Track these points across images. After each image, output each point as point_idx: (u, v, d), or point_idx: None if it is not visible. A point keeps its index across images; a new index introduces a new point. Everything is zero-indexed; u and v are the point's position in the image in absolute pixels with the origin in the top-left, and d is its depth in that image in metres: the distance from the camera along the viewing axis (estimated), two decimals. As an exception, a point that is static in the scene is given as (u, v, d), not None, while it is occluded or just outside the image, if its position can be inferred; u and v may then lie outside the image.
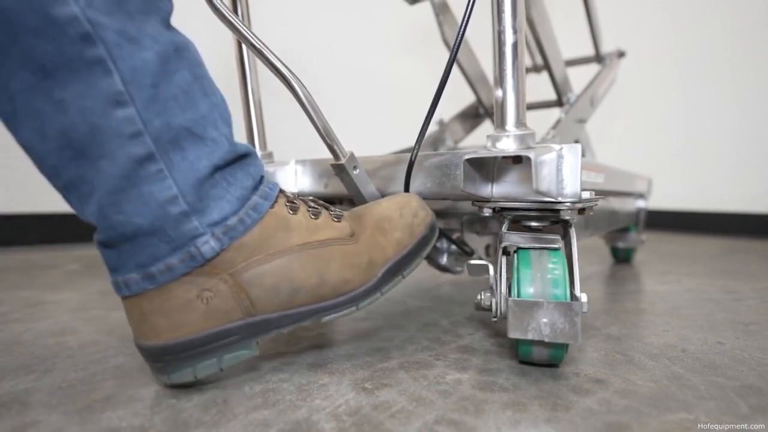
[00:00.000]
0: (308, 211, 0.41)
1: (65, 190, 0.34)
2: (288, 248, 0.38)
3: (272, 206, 0.39)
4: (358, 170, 0.46)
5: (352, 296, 0.40)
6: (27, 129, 0.31)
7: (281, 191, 0.41)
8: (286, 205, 0.40)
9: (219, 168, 0.36)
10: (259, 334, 0.38)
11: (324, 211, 0.42)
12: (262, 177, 0.40)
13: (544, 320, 0.36)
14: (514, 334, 0.37)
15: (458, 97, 1.14)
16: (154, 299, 0.35)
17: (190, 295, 0.35)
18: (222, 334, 0.36)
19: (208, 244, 0.35)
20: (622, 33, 1.76)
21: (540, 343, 0.39)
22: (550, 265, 0.39)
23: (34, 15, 0.29)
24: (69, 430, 0.31)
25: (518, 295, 0.39)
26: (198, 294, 0.35)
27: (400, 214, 0.44)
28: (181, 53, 0.34)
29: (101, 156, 0.31)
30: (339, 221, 0.42)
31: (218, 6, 0.40)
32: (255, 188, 0.38)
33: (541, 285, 0.38)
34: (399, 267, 0.42)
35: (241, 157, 0.38)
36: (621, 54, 0.99)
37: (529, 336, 0.37)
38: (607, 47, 1.51)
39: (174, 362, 0.36)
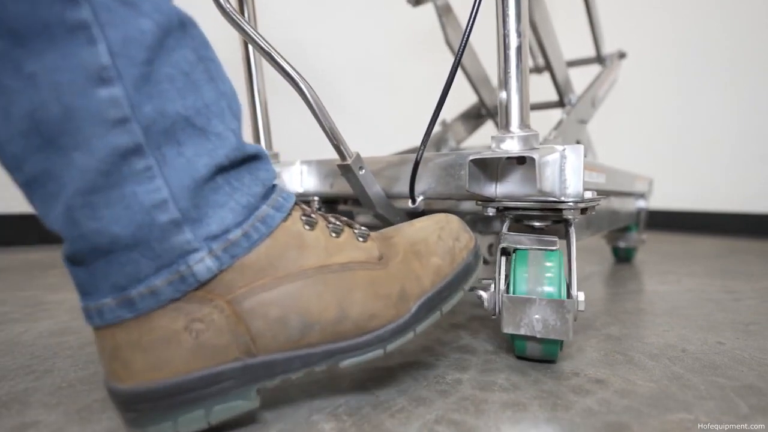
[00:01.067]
0: (328, 227, 0.34)
1: (27, 186, 0.26)
2: (301, 271, 0.31)
3: (285, 219, 0.32)
4: (363, 171, 0.47)
5: (378, 335, 0.32)
6: None
7: (297, 203, 0.34)
8: (302, 219, 0.33)
9: (223, 169, 0.29)
10: (260, 379, 0.30)
11: (347, 229, 0.35)
12: (274, 185, 0.33)
13: (537, 316, 0.38)
14: (507, 329, 0.39)
15: (461, 97, 1.14)
16: (131, 330, 0.27)
17: (176, 327, 0.27)
18: (213, 378, 0.28)
19: (203, 263, 0.28)
20: (622, 33, 1.76)
21: (533, 338, 0.40)
22: (546, 264, 0.40)
23: None
24: (69, 430, 0.31)
25: (513, 293, 0.40)
26: (186, 325, 0.28)
27: (439, 237, 0.36)
28: (186, 28, 0.28)
29: (76, 146, 0.25)
30: (365, 241, 0.34)
31: (225, 7, 0.40)
32: (265, 196, 0.31)
33: (536, 283, 0.39)
34: (437, 300, 0.34)
35: (251, 158, 0.31)
36: (622, 55, 0.99)
37: (522, 331, 0.38)
38: (607, 48, 1.51)
39: (150, 412, 0.28)
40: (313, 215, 0.34)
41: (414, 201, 0.48)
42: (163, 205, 0.27)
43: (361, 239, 0.34)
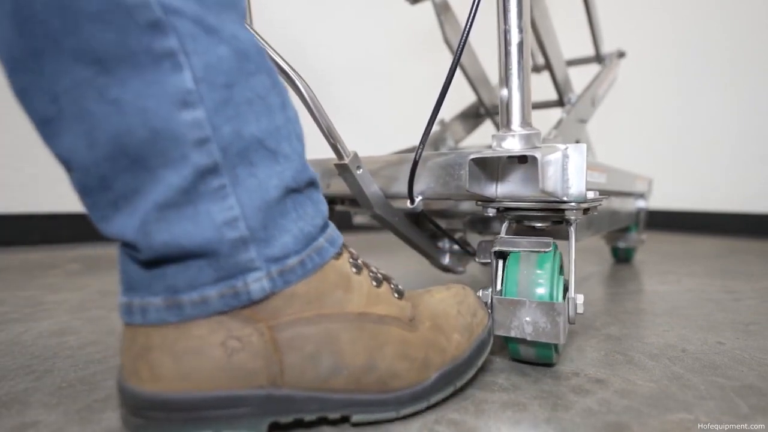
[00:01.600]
0: (370, 275, 0.34)
1: (105, 204, 0.27)
2: (344, 313, 0.30)
3: (336, 257, 0.32)
4: (361, 170, 0.46)
5: (397, 396, 0.32)
6: (72, 134, 0.25)
7: (344, 244, 0.34)
8: (350, 261, 0.33)
9: (291, 191, 0.30)
10: (276, 414, 0.29)
11: (385, 282, 0.35)
12: (326, 221, 0.33)
13: (527, 319, 0.37)
14: (498, 331, 0.38)
15: (459, 97, 1.14)
16: (169, 334, 0.27)
17: (213, 340, 0.27)
18: (234, 400, 0.28)
19: (259, 283, 0.28)
20: (622, 33, 1.76)
21: (526, 341, 0.39)
22: (538, 266, 0.39)
23: None
24: (69, 430, 0.31)
25: (505, 294, 0.39)
26: (223, 341, 0.28)
27: (458, 311, 0.37)
28: (261, 55, 0.29)
29: (160, 165, 0.26)
30: (400, 298, 0.34)
31: None
32: (323, 229, 0.32)
33: (526, 285, 0.39)
34: (454, 375, 0.34)
35: (311, 184, 0.32)
36: (621, 54, 0.99)
37: (512, 333, 0.38)
38: (607, 47, 1.51)
39: (160, 422, 0.27)
40: (359, 260, 0.34)
41: (413, 201, 0.47)
42: (234, 222, 0.27)
43: (396, 295, 0.34)
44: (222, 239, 0.27)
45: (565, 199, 0.39)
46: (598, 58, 0.99)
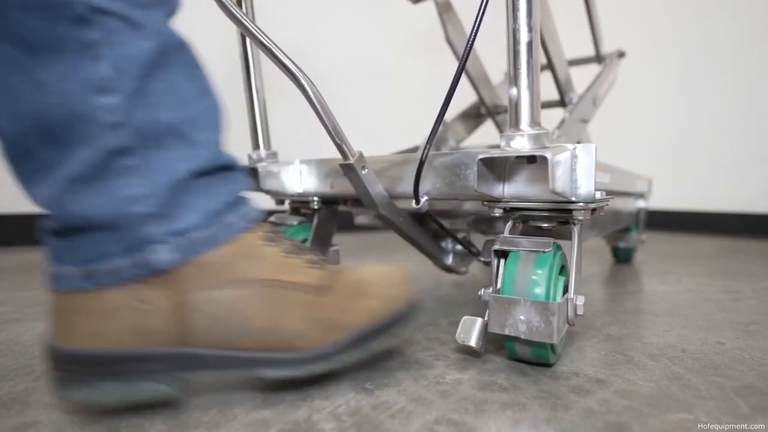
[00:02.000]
0: (286, 249, 0.37)
1: (29, 172, 0.30)
2: (251, 280, 0.34)
3: (249, 231, 0.35)
4: (366, 170, 0.46)
5: (301, 356, 0.34)
6: None
7: (264, 222, 0.38)
8: (265, 236, 0.36)
9: (201, 174, 0.33)
10: (187, 369, 0.32)
11: (303, 255, 0.38)
12: (242, 198, 0.37)
13: (521, 317, 0.37)
14: (492, 328, 0.39)
15: (460, 97, 1.14)
16: (86, 299, 0.31)
17: (126, 303, 0.31)
18: (145, 356, 0.31)
19: (165, 254, 0.31)
20: (622, 33, 1.76)
21: (521, 340, 0.39)
22: (535, 266, 0.39)
23: None
24: (69, 430, 0.31)
25: (501, 293, 0.39)
26: (135, 304, 0.31)
27: (381, 282, 0.39)
28: (182, 49, 0.32)
29: (77, 142, 0.29)
30: (316, 269, 0.37)
31: (228, 5, 0.39)
32: (232, 206, 0.35)
33: (522, 284, 0.39)
34: (366, 338, 0.36)
35: (224, 169, 0.35)
36: (621, 54, 0.99)
37: (506, 332, 0.38)
38: (607, 47, 1.51)
39: (79, 375, 0.31)
40: (276, 237, 0.37)
41: (418, 201, 0.47)
42: (141, 199, 0.31)
43: (313, 265, 0.37)
44: (129, 214, 0.30)
45: (573, 199, 0.39)
46: (599, 58, 0.99)
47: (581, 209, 0.41)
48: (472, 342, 0.39)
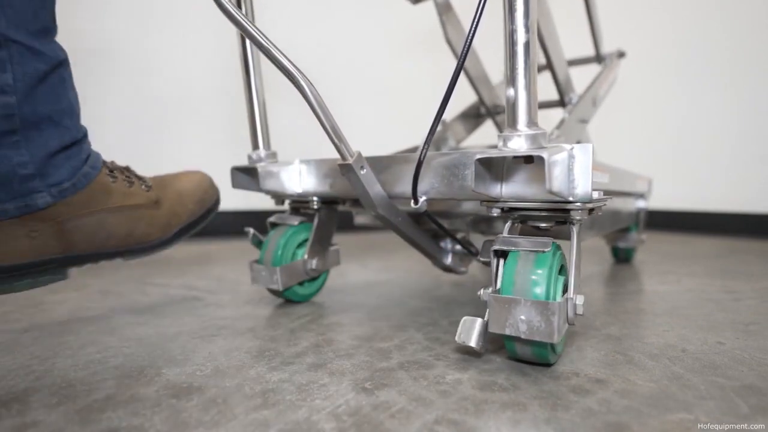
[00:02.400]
0: (125, 180, 0.55)
1: None
2: (108, 208, 0.52)
3: (98, 175, 0.52)
4: (365, 170, 0.46)
5: (150, 245, 0.57)
6: None
7: (104, 163, 0.54)
8: (108, 175, 0.53)
9: (66, 147, 0.48)
10: (73, 264, 0.51)
11: (137, 181, 0.56)
12: (90, 154, 0.52)
13: (522, 317, 0.37)
14: (493, 328, 0.39)
15: (460, 97, 1.14)
16: None
17: (20, 232, 0.47)
18: (43, 262, 0.49)
19: (43, 199, 0.47)
20: (622, 33, 1.76)
21: (522, 339, 0.39)
22: (535, 265, 0.39)
23: None
24: (69, 430, 0.31)
25: (501, 293, 0.39)
26: (26, 232, 0.47)
27: (195, 190, 0.60)
28: (63, 64, 0.47)
29: None
30: (148, 191, 0.57)
31: (226, 6, 0.39)
32: (86, 161, 0.51)
33: (522, 283, 0.39)
34: (188, 228, 0.60)
35: (81, 140, 0.50)
36: (621, 54, 0.99)
37: (507, 331, 0.38)
38: (607, 47, 1.51)
39: None
40: (114, 171, 0.55)
41: (416, 201, 0.47)
42: (25, 164, 0.45)
43: (145, 189, 0.57)
44: (15, 173, 0.45)
45: (571, 199, 0.39)
46: (599, 58, 0.99)
47: (579, 209, 0.41)
48: (472, 342, 0.39)
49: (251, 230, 0.61)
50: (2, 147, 0.44)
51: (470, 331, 0.40)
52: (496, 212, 0.44)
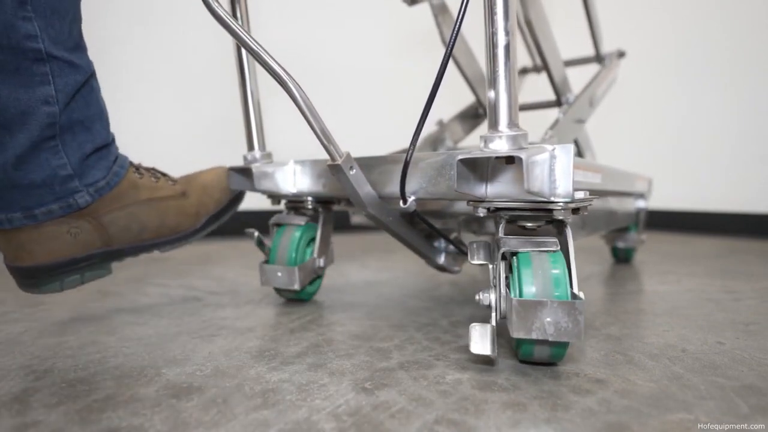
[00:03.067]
0: (151, 176, 0.59)
1: None
2: (138, 201, 0.56)
3: (127, 173, 0.56)
4: (354, 171, 0.46)
5: (183, 234, 0.60)
6: None
7: (131, 162, 0.58)
8: (134, 172, 0.57)
9: (97, 149, 0.52)
10: (114, 258, 0.56)
11: (162, 178, 0.60)
12: (118, 155, 0.56)
13: (548, 319, 0.37)
14: (518, 333, 0.37)
15: (458, 97, 1.14)
16: (33, 232, 0.49)
17: (61, 230, 0.50)
18: (84, 258, 0.52)
19: (83, 198, 0.51)
20: (622, 33, 1.76)
21: (542, 341, 0.39)
22: (551, 265, 0.39)
23: (7, 38, 0.43)
24: (69, 430, 0.31)
25: (520, 296, 0.39)
26: (68, 230, 0.50)
27: (219, 181, 0.64)
28: (93, 75, 0.51)
29: (23, 132, 0.46)
30: (174, 184, 0.60)
31: (216, 9, 0.40)
32: (115, 161, 0.55)
33: (543, 285, 0.38)
34: (216, 216, 0.64)
35: (111, 143, 0.55)
36: (621, 54, 0.99)
37: (534, 335, 0.37)
38: (607, 47, 1.51)
39: (45, 278, 0.51)
40: (140, 169, 0.59)
41: (405, 201, 0.47)
42: (63, 166, 0.49)
43: (171, 183, 0.60)
44: (56, 176, 0.49)
45: (552, 199, 0.39)
46: (598, 58, 0.99)
47: (561, 209, 0.41)
48: (488, 351, 0.39)
49: (255, 232, 0.61)
50: (43, 152, 0.47)
51: (484, 339, 0.39)
52: (482, 212, 0.44)
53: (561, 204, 0.40)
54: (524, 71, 1.10)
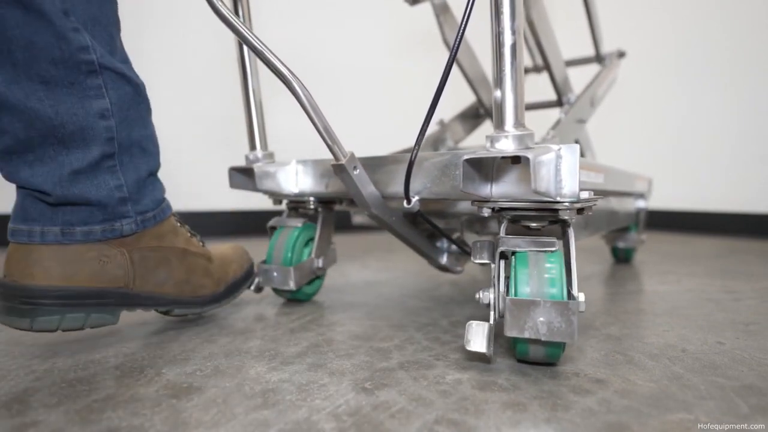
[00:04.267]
0: (188, 230, 0.56)
1: (26, 162, 0.42)
2: (174, 247, 0.51)
3: (171, 214, 0.53)
4: (358, 170, 0.46)
5: (202, 299, 0.55)
6: (13, 119, 0.41)
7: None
8: (176, 219, 0.54)
9: (152, 174, 0.50)
10: (127, 305, 0.47)
11: (196, 236, 0.57)
12: (164, 191, 0.53)
13: (541, 319, 0.37)
14: (511, 332, 0.38)
15: (459, 97, 1.14)
16: (59, 251, 0.43)
17: (91, 255, 0.44)
18: (102, 293, 0.45)
19: (129, 225, 0.47)
20: (622, 33, 1.76)
21: (536, 341, 0.39)
22: (547, 265, 0.39)
23: (60, 51, 0.40)
24: (69, 430, 0.31)
25: (515, 295, 0.39)
26: (98, 256, 0.45)
27: (233, 254, 0.62)
28: (142, 88, 0.48)
29: (81, 147, 0.43)
30: (203, 245, 0.57)
31: (219, 7, 0.40)
32: (164, 199, 0.52)
33: (538, 284, 0.38)
34: (234, 287, 0.60)
35: (158, 170, 0.52)
36: (621, 54, 0.99)
37: (526, 334, 0.37)
38: (607, 47, 1.51)
39: (48, 306, 0.42)
40: (179, 219, 0.55)
41: (409, 201, 0.47)
42: (120, 188, 0.46)
43: (201, 243, 0.57)
44: (112, 197, 0.45)
45: (558, 199, 0.39)
46: (598, 58, 0.99)
47: (567, 209, 0.41)
48: (484, 348, 0.39)
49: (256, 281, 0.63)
50: (102, 170, 0.44)
51: (480, 337, 0.39)
52: (486, 212, 0.44)
53: (566, 204, 0.40)
54: (525, 71, 1.10)
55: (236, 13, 0.61)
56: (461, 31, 0.40)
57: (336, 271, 0.91)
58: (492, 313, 0.41)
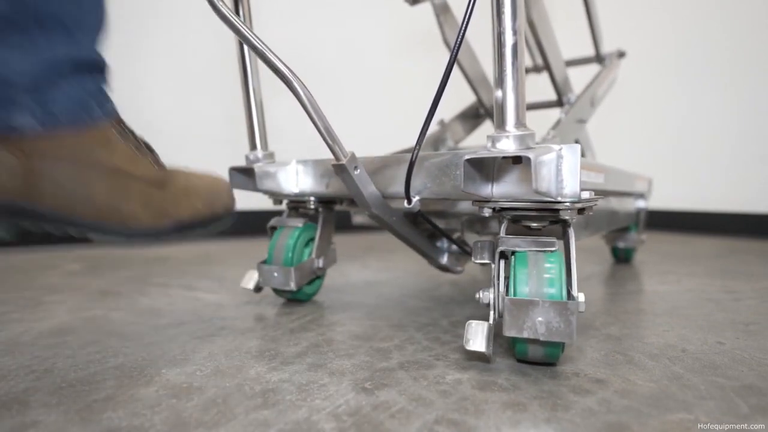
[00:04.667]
0: (133, 146, 0.44)
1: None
2: (100, 163, 0.40)
3: (107, 123, 0.41)
4: (359, 170, 0.46)
5: (135, 231, 0.43)
6: None
7: (118, 116, 0.44)
8: (115, 128, 0.42)
9: (78, 65, 0.39)
10: (26, 220, 0.38)
11: (148, 154, 0.45)
12: (103, 93, 0.42)
13: (540, 319, 0.37)
14: (510, 332, 0.38)
15: (459, 97, 1.14)
16: None
17: None
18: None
19: (27, 118, 0.35)
20: (622, 33, 1.76)
21: (535, 341, 0.39)
22: (547, 265, 0.39)
23: None
24: (69, 430, 0.31)
25: (514, 295, 0.39)
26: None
27: (207, 189, 0.49)
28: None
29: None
30: (156, 168, 0.45)
31: (219, 7, 0.40)
32: (95, 96, 0.41)
33: (537, 284, 0.38)
34: (187, 228, 0.47)
35: (96, 68, 0.42)
36: (621, 54, 0.99)
37: (525, 334, 0.37)
38: (607, 47, 1.51)
39: None
40: (126, 132, 0.44)
41: (410, 201, 0.47)
42: (19, 68, 0.36)
43: (155, 165, 0.45)
44: (2, 77, 0.34)
45: (559, 199, 0.39)
46: (598, 58, 0.99)
47: (568, 209, 0.41)
48: (484, 348, 0.39)
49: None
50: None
51: (479, 337, 0.39)
52: (487, 212, 0.44)
53: (567, 204, 0.40)
54: (525, 71, 1.10)
55: (237, 12, 0.61)
56: (462, 31, 0.40)
57: (336, 271, 0.91)
58: (492, 312, 0.41)
